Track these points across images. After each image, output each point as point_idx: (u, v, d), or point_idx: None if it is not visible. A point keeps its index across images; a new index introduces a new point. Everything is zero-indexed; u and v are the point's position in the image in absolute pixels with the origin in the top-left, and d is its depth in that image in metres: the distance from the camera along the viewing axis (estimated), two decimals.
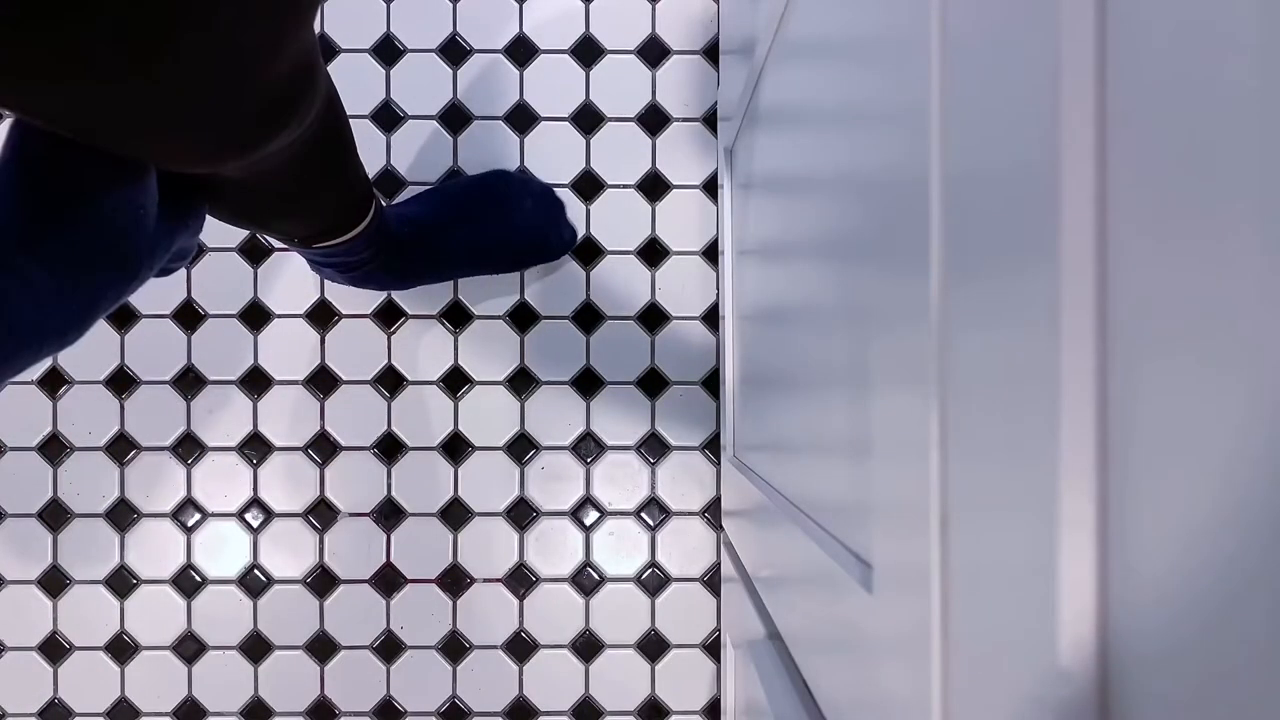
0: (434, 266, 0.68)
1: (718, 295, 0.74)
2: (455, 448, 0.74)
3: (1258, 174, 0.10)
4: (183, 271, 0.73)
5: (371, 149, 0.73)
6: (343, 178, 0.51)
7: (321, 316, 0.74)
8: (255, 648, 0.74)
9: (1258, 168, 0.10)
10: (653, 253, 0.74)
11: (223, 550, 0.74)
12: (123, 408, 0.73)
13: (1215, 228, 0.11)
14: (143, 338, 0.73)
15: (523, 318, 0.74)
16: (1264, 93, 0.10)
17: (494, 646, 0.74)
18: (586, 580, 0.74)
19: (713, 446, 0.74)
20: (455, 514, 0.74)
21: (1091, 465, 0.13)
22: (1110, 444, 0.13)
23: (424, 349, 0.74)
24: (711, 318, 0.74)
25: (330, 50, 0.73)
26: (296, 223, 0.53)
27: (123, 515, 0.73)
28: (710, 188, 0.74)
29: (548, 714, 0.74)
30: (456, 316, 0.74)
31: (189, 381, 0.73)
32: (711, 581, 0.74)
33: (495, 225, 0.69)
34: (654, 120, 0.74)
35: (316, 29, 0.72)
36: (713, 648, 0.74)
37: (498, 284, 0.74)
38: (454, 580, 0.74)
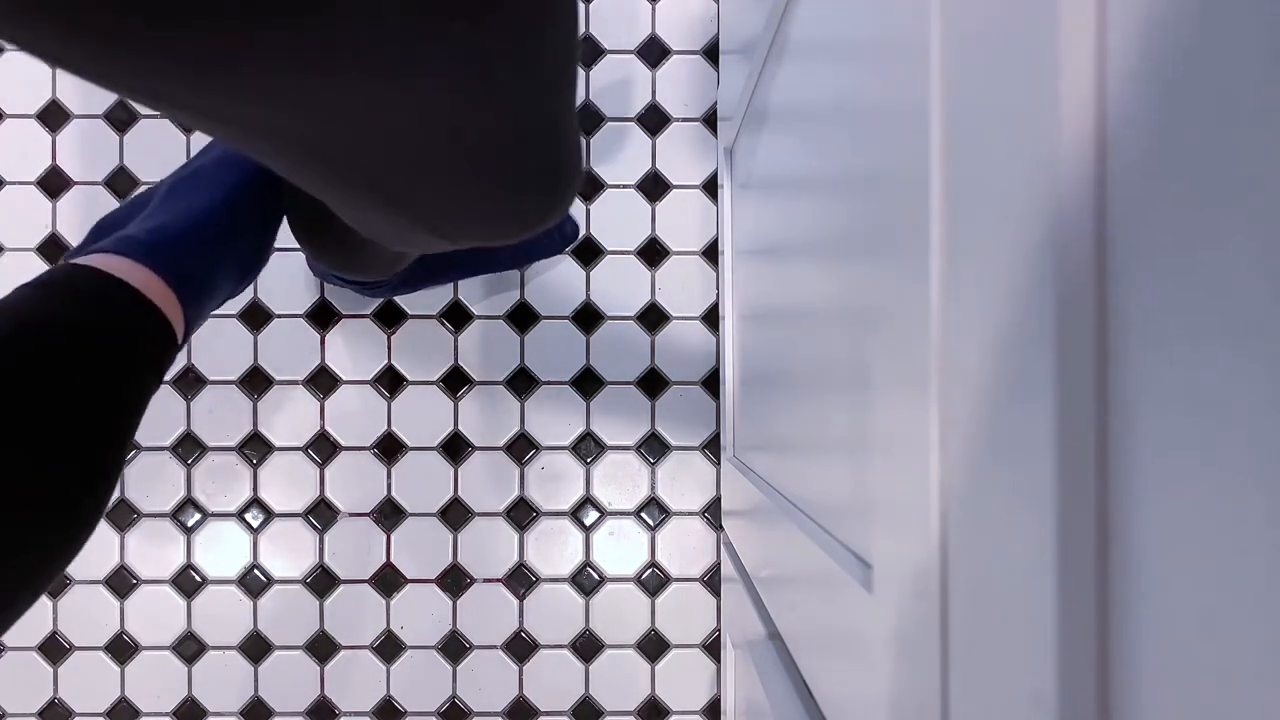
0: (437, 267, 0.68)
1: (718, 295, 0.74)
2: (455, 448, 0.74)
3: (1258, 174, 0.10)
4: None
5: None
6: None
7: (321, 316, 0.74)
8: (255, 648, 0.74)
9: (1258, 168, 0.10)
10: (653, 253, 0.74)
11: (223, 550, 0.74)
12: None
13: (1216, 228, 0.11)
14: None
15: (523, 318, 0.74)
16: (1265, 92, 0.10)
17: (494, 646, 0.74)
18: (586, 580, 0.74)
19: (713, 446, 0.74)
20: (455, 514, 0.74)
21: (1091, 465, 0.13)
22: (1110, 444, 0.13)
23: (424, 349, 0.74)
24: (711, 318, 0.74)
25: None
26: (372, 266, 0.54)
27: (123, 515, 0.73)
28: (710, 188, 0.74)
29: (548, 714, 0.74)
30: (456, 316, 0.74)
31: (189, 381, 0.73)
32: (711, 581, 0.74)
33: None
34: (654, 120, 0.74)
35: None
36: (713, 648, 0.74)
37: (498, 284, 0.74)
38: (454, 580, 0.74)
